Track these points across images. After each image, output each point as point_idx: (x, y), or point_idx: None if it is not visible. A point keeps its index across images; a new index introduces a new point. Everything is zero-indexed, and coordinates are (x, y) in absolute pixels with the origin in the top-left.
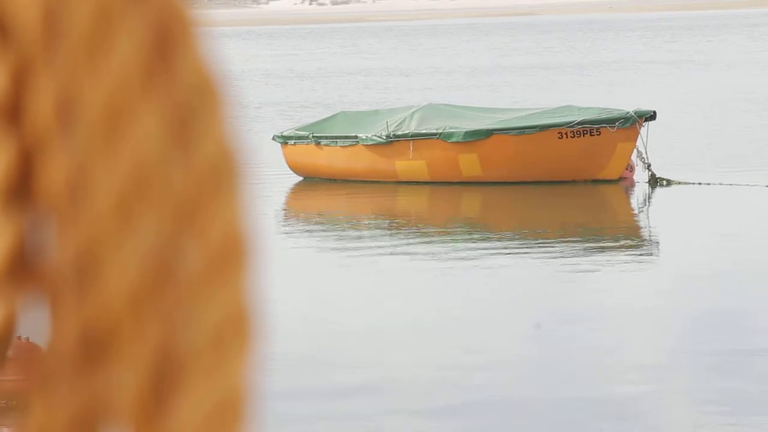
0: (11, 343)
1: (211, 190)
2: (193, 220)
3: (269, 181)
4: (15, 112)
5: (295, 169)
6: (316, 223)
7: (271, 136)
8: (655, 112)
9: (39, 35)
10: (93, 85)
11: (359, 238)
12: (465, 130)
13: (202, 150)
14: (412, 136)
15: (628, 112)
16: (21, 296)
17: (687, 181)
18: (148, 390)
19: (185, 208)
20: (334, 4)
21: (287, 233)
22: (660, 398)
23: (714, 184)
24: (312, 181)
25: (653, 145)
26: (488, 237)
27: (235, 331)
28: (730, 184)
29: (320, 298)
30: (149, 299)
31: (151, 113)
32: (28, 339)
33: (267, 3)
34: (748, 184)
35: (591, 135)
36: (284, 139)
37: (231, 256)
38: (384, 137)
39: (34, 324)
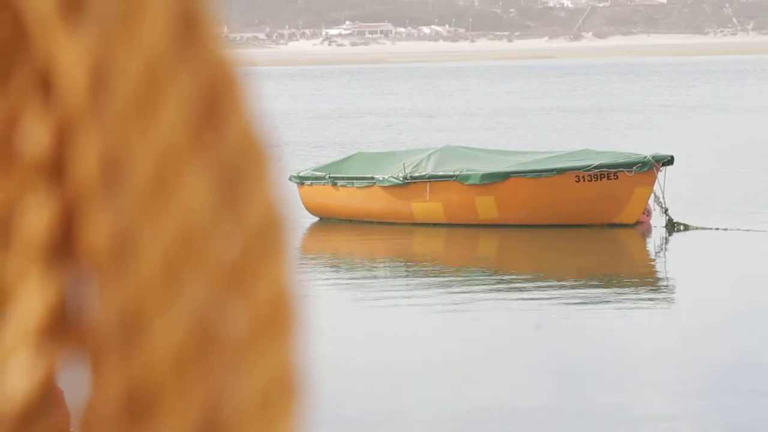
0: (51, 400)
1: (259, 252)
2: (239, 282)
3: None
4: (59, 169)
5: (311, 210)
6: (332, 264)
7: (287, 177)
8: (672, 157)
9: (85, 93)
10: (140, 145)
11: (374, 279)
12: (482, 172)
13: (250, 212)
14: (429, 178)
15: (645, 157)
16: (61, 354)
17: (704, 226)
18: None
19: (232, 271)
20: (353, 45)
21: (301, 274)
22: None
23: (731, 229)
24: (328, 222)
25: (671, 190)
26: (504, 280)
27: (281, 395)
28: (747, 230)
29: (335, 338)
30: (194, 362)
31: (199, 175)
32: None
33: (286, 44)
34: (765, 230)
35: (608, 179)
36: (300, 180)
37: (277, 318)
38: (401, 179)
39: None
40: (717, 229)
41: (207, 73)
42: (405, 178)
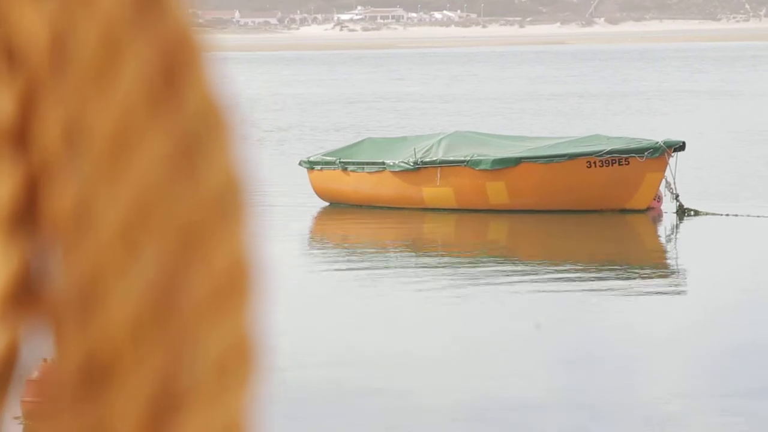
0: (17, 367)
1: (217, 218)
2: (197, 249)
3: (295, 206)
4: (22, 137)
5: (322, 195)
6: (342, 249)
7: (298, 162)
8: (684, 143)
9: (46, 60)
10: (99, 110)
11: (385, 264)
12: (493, 157)
13: (208, 178)
14: (439, 163)
15: (657, 142)
16: (25, 323)
17: (714, 211)
18: (148, 420)
19: (190, 237)
20: (364, 30)
21: (312, 259)
22: (688, 428)
23: (741, 215)
24: (338, 206)
25: (681, 176)
26: (514, 265)
27: (238, 362)
28: (758, 216)
29: (345, 324)
30: (152, 328)
31: (157, 140)
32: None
33: (298, 28)
34: None
35: (620, 164)
36: (311, 165)
37: (235, 286)
38: (412, 164)
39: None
40: (727, 215)
41: (166, 40)
42: (416, 163)
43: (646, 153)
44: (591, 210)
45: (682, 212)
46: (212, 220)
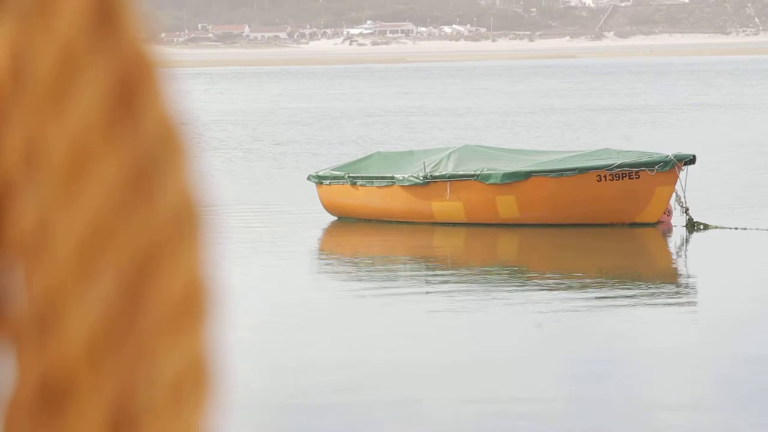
0: None
1: (174, 240)
2: (154, 270)
3: (303, 221)
4: None
5: (330, 209)
6: (351, 263)
7: (306, 176)
8: (694, 156)
9: (6, 82)
10: (56, 132)
11: (394, 279)
12: (503, 171)
13: (165, 200)
14: (449, 178)
15: (667, 156)
16: None
17: (724, 225)
18: None
19: (147, 258)
20: (374, 44)
21: (322, 273)
22: None
23: (751, 228)
24: (347, 221)
25: (691, 189)
26: (525, 279)
27: (194, 383)
28: (767, 229)
29: (354, 339)
30: (108, 349)
31: (113, 162)
32: None
33: (307, 43)
34: None
35: (630, 178)
36: (319, 179)
37: (191, 307)
38: (421, 178)
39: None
40: (737, 228)
41: (124, 63)
42: (425, 177)
43: (656, 167)
44: (601, 224)
45: (691, 226)
46: (169, 241)
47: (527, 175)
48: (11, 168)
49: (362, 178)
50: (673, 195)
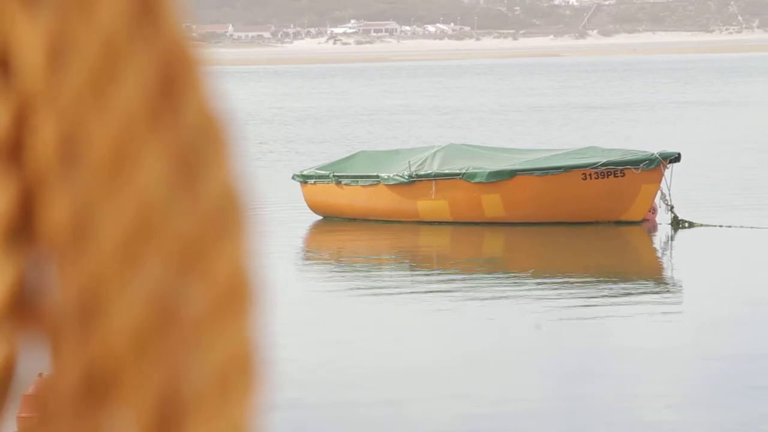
0: (13, 382)
1: (216, 230)
2: (197, 261)
3: (288, 220)
4: (16, 150)
5: (315, 209)
6: (336, 263)
7: (291, 176)
8: (679, 154)
9: (42, 73)
10: (98, 124)
11: (379, 278)
12: (488, 170)
13: (207, 191)
14: (434, 176)
15: (652, 154)
16: (21, 337)
17: (709, 223)
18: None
19: (190, 249)
20: (358, 43)
21: (306, 273)
22: None
23: (735, 226)
24: (332, 220)
25: (676, 187)
26: (510, 278)
27: (240, 373)
28: (752, 227)
29: (339, 338)
30: (153, 340)
31: (157, 153)
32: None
33: (291, 42)
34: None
35: (615, 176)
36: (304, 178)
37: (235, 297)
38: (406, 177)
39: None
40: (721, 226)
41: (164, 52)
42: (410, 176)
43: (641, 165)
44: (587, 222)
45: (676, 224)
46: (212, 232)
47: (513, 173)
48: (45, 161)
49: (347, 177)
50: (658, 193)
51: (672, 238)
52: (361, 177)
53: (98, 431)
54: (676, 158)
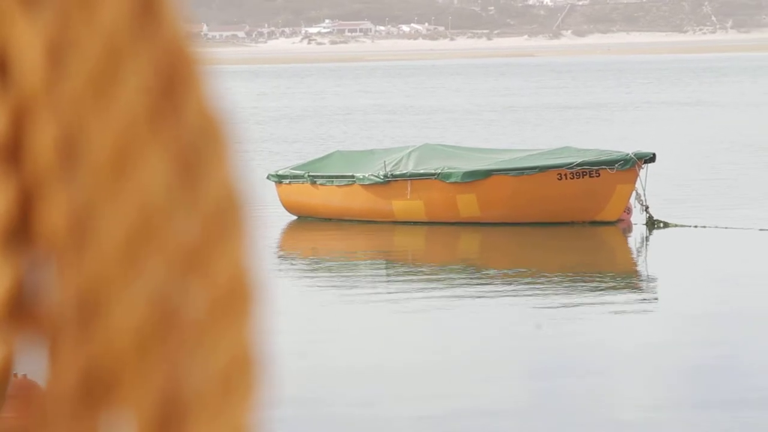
0: (9, 383)
1: (217, 232)
2: (198, 262)
3: (263, 220)
4: (15, 152)
5: (290, 209)
6: (311, 262)
7: (266, 175)
8: (654, 154)
9: (42, 74)
10: (99, 125)
11: (354, 278)
12: (464, 170)
13: (208, 192)
14: (410, 176)
15: (627, 154)
16: (19, 337)
17: (683, 223)
18: None
19: (191, 250)
20: (332, 43)
21: (281, 273)
22: None
23: (710, 226)
24: (307, 220)
25: (651, 187)
26: (485, 278)
27: (241, 374)
28: (726, 227)
29: (313, 338)
30: (154, 341)
31: (158, 154)
32: (25, 376)
33: (266, 42)
34: (742, 228)
35: (590, 176)
36: (279, 178)
37: (237, 298)
38: (382, 177)
39: (31, 362)
40: (696, 226)
41: (165, 53)
42: (386, 176)
43: (616, 165)
44: (562, 222)
45: (651, 224)
46: (213, 233)
47: (488, 173)
48: (43, 163)
49: (322, 177)
50: (633, 193)
51: (647, 238)
52: (337, 177)
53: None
54: (651, 158)
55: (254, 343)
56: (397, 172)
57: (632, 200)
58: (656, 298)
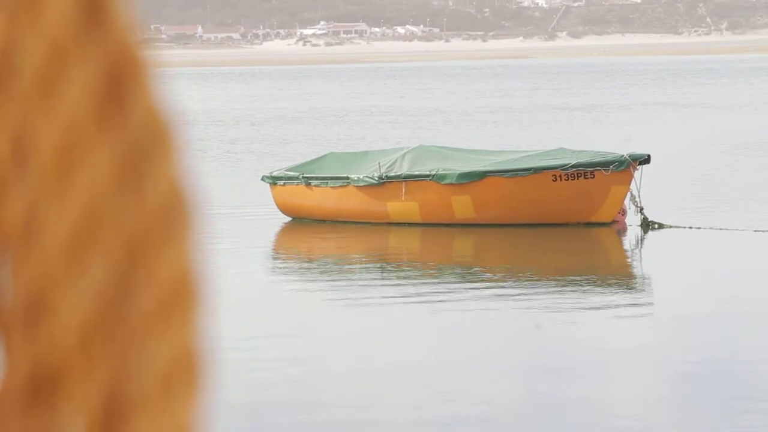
0: None
1: (162, 231)
2: (144, 260)
3: (257, 221)
4: None
5: (284, 210)
6: (306, 264)
7: (260, 177)
8: (649, 156)
9: None
10: (45, 125)
11: (349, 280)
12: (458, 171)
13: (154, 190)
14: (404, 178)
15: (622, 156)
16: None
17: (678, 224)
18: (97, 430)
19: (136, 248)
20: (327, 45)
21: (275, 274)
22: None
23: (704, 228)
24: (301, 222)
25: (645, 189)
26: (480, 279)
27: (184, 373)
28: (721, 229)
29: (308, 340)
30: (98, 339)
31: (103, 154)
32: None
33: (261, 44)
34: (738, 229)
35: (585, 178)
36: (273, 180)
37: (181, 297)
38: (376, 178)
39: None
40: (690, 228)
41: (112, 54)
42: (380, 177)
43: (611, 166)
44: (557, 223)
45: (646, 225)
46: (158, 231)
47: (483, 175)
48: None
49: (317, 178)
50: (628, 195)
51: (642, 240)
52: (331, 178)
53: (47, 430)
54: (645, 160)
55: (198, 342)
56: (392, 174)
57: (627, 201)
58: (651, 300)
